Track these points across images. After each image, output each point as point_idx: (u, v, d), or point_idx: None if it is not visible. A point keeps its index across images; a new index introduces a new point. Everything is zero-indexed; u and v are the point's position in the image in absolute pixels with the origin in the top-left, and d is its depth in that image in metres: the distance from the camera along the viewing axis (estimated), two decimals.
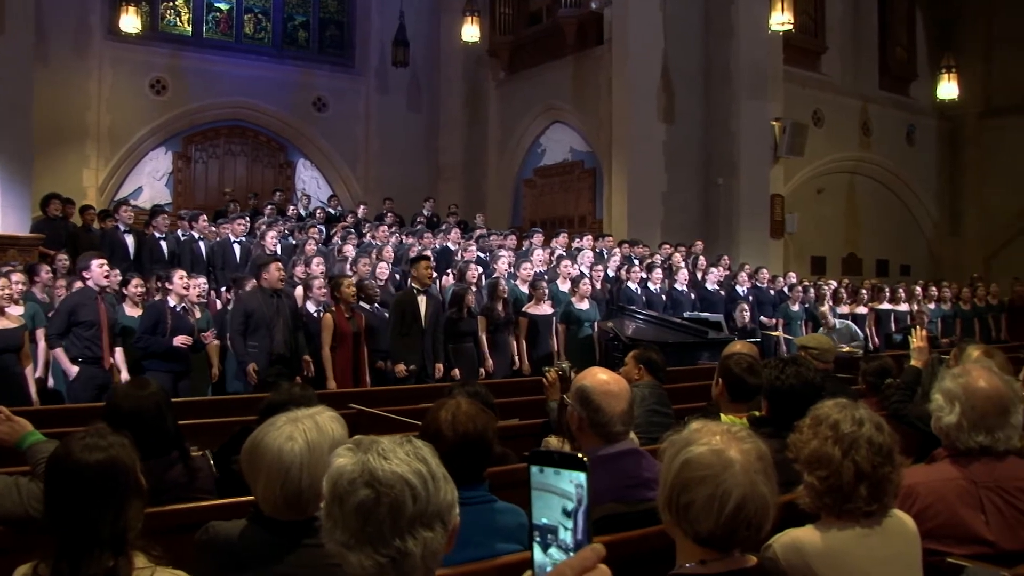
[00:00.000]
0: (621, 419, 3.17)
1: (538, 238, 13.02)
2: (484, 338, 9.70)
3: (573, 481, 1.10)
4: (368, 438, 1.77)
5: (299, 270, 9.78)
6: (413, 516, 1.66)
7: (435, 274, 10.60)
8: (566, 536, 1.10)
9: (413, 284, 9.08)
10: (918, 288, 15.48)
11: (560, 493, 1.10)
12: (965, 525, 2.76)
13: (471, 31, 17.64)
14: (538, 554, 1.12)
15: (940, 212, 22.14)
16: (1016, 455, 2.95)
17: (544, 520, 1.11)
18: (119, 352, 7.99)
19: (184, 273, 8.28)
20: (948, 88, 19.97)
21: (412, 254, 10.83)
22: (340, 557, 1.69)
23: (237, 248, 11.31)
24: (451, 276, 11.09)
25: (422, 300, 8.91)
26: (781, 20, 15.03)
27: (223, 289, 10.57)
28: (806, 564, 2.39)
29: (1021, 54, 20.23)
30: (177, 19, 19.02)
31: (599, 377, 3.28)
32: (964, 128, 21.99)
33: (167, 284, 8.12)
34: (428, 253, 10.85)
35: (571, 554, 1.09)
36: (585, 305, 10.52)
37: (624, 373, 5.12)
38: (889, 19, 20.67)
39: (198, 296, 8.55)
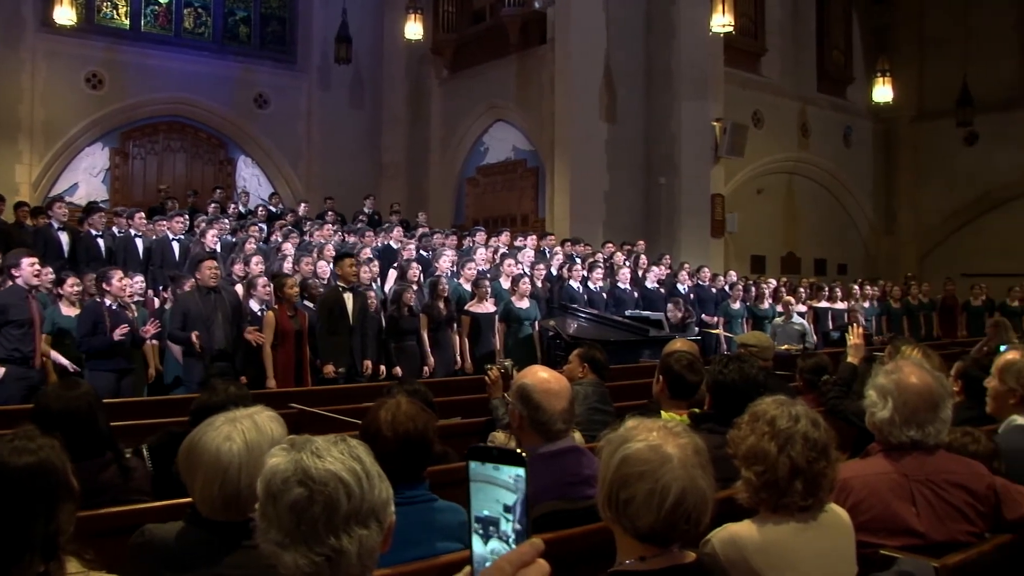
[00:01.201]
0: (562, 417, 3.17)
1: (480, 236, 13.01)
2: (426, 336, 9.68)
3: (512, 475, 1.10)
4: (303, 437, 1.76)
5: (238, 268, 9.66)
6: (348, 514, 1.65)
7: (376, 273, 10.54)
8: (506, 528, 1.10)
9: (339, 282, 9.01)
10: (855, 286, 15.77)
11: (500, 485, 1.11)
12: (897, 518, 2.81)
13: (414, 29, 17.55)
14: (478, 547, 1.12)
15: (876, 212, 22.60)
16: (945, 449, 3.02)
17: (484, 512, 1.11)
18: (54, 353, 7.84)
19: (122, 274, 8.13)
20: (883, 91, 20.36)
21: (355, 252, 10.75)
22: (275, 557, 1.67)
23: (176, 246, 11.13)
24: (393, 274, 11.05)
25: (348, 298, 8.83)
26: (722, 22, 15.20)
27: (160, 288, 10.40)
28: (743, 558, 2.42)
29: (951, 60, 20.73)
30: (114, 12, 18.65)
31: (540, 375, 3.29)
32: (898, 130, 22.51)
33: (104, 284, 7.97)
34: (362, 252, 10.77)
35: (512, 545, 1.09)
36: (525, 304, 10.53)
37: (567, 371, 5.14)
38: (827, 23, 21.05)
39: (133, 295, 8.42)
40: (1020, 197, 20.53)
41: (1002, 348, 5.32)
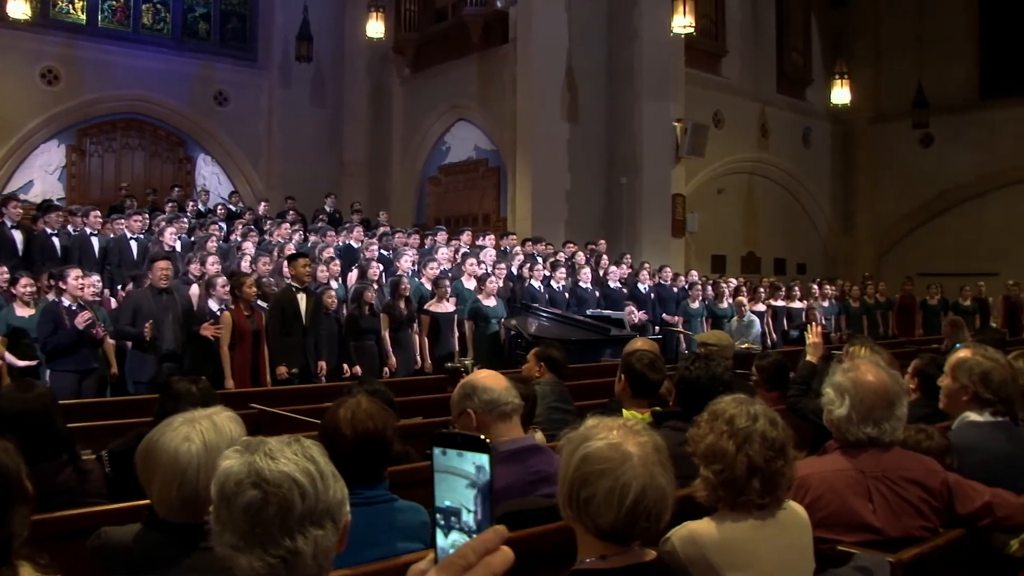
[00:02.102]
0: (509, 393, 3.17)
1: (442, 236, 13.00)
2: (387, 336, 9.65)
3: (475, 463, 1.09)
4: (256, 439, 1.75)
5: (194, 267, 9.56)
6: (302, 515, 1.64)
7: (336, 272, 10.50)
8: (468, 519, 1.09)
9: (292, 282, 8.94)
10: (815, 286, 15.95)
11: (463, 475, 1.10)
12: (854, 514, 2.85)
13: (376, 27, 17.48)
14: (440, 538, 1.12)
15: (834, 212, 22.86)
16: (900, 446, 3.06)
17: (447, 503, 1.11)
18: (9, 355, 7.73)
19: (79, 273, 8.01)
20: (841, 93, 20.65)
21: (316, 252, 10.70)
22: (230, 560, 1.66)
23: (134, 245, 10.99)
24: (354, 274, 11.01)
25: (301, 298, 8.77)
26: (683, 23, 15.31)
27: (119, 287, 10.28)
28: (703, 556, 2.44)
29: (907, 63, 21.04)
30: (70, 6, 18.34)
31: (479, 373, 3.34)
32: (856, 132, 22.81)
33: (60, 284, 7.85)
34: (317, 251, 10.72)
35: (473, 536, 1.09)
36: (492, 302, 10.56)
37: (525, 370, 5.16)
38: (786, 25, 21.24)
39: (92, 294, 8.30)
40: (974, 198, 20.92)
41: (957, 346, 5.42)
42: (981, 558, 3.06)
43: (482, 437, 1.11)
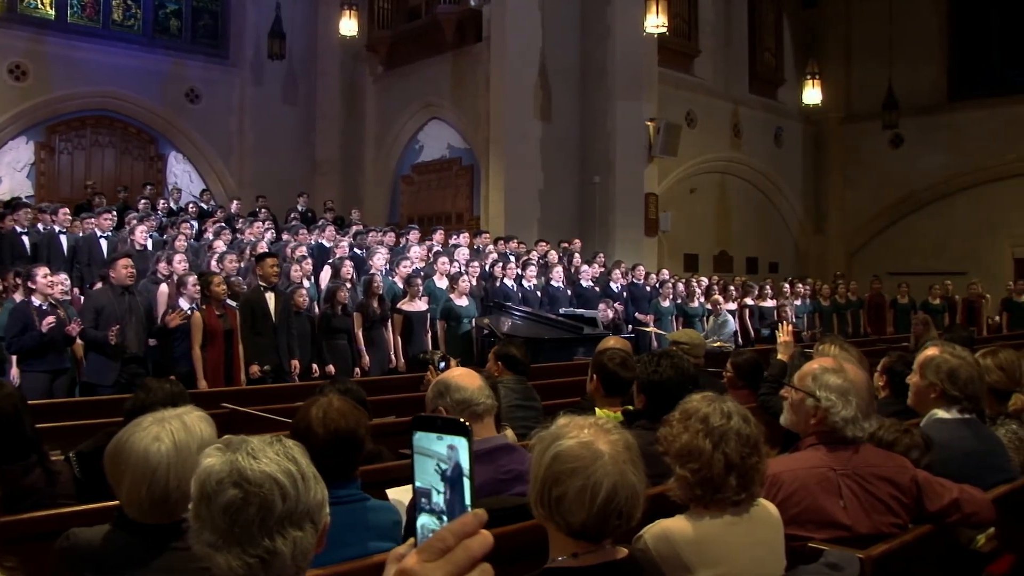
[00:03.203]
0: (482, 393, 3.17)
1: (414, 235, 12.97)
2: (360, 335, 9.63)
3: (452, 445, 1.10)
4: (238, 438, 1.75)
5: (163, 266, 9.49)
6: (282, 516, 1.64)
7: (309, 271, 10.45)
8: (439, 500, 1.10)
9: (260, 282, 8.90)
10: (786, 285, 16.08)
11: (436, 457, 1.10)
12: (825, 511, 2.87)
13: (349, 25, 17.42)
14: (419, 518, 1.12)
15: (806, 211, 23.03)
16: (877, 444, 3.10)
17: (419, 484, 1.11)
18: None
19: (47, 271, 7.91)
20: (812, 93, 20.84)
21: (288, 251, 10.66)
22: (207, 559, 1.65)
23: (104, 243, 10.89)
24: (326, 273, 10.97)
25: (270, 298, 8.73)
26: (656, 23, 15.39)
27: (88, 286, 10.17)
28: (675, 553, 2.45)
29: (877, 64, 21.23)
30: (39, 1, 18.12)
31: (452, 372, 3.33)
32: (827, 132, 23.02)
33: (29, 283, 7.77)
34: (289, 250, 10.68)
35: (444, 518, 1.09)
36: (464, 301, 10.56)
37: (487, 369, 5.16)
38: (758, 26, 21.38)
39: (61, 293, 8.21)
40: (942, 198, 21.20)
41: (927, 344, 5.47)
42: (949, 554, 3.10)
43: (462, 420, 1.11)
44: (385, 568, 1.12)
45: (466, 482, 1.09)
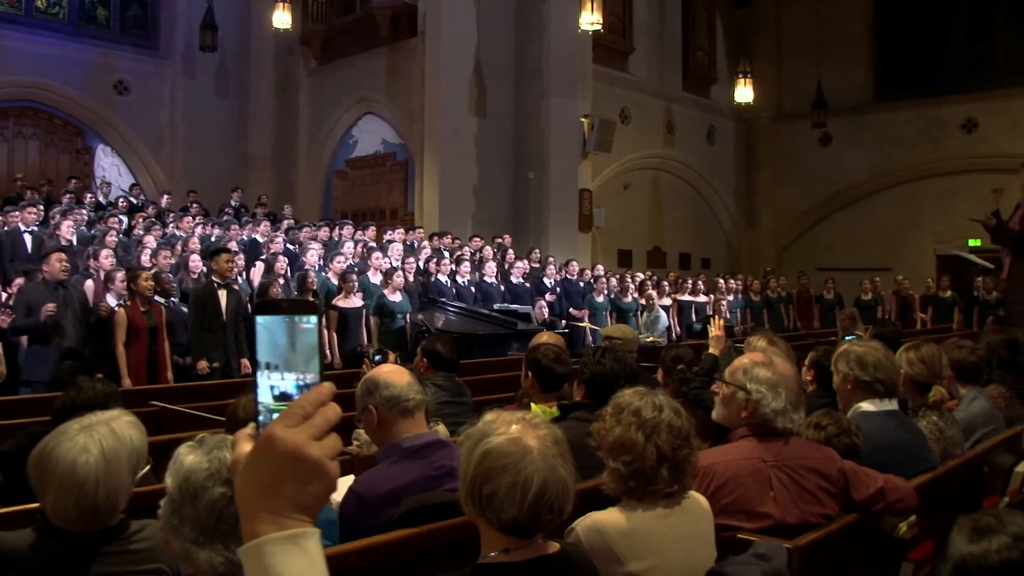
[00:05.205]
0: (412, 388, 3.18)
1: (348, 230, 12.89)
2: None
3: (301, 324, 1.11)
4: (213, 436, 1.74)
5: (92, 262, 9.31)
6: None
7: (241, 267, 10.34)
8: (288, 377, 1.11)
9: (213, 277, 8.79)
10: (721, 280, 16.33)
11: (286, 336, 1.11)
12: (755, 501, 2.93)
13: (282, 18, 17.19)
14: (263, 395, 1.13)
15: (738, 208, 23.37)
16: (796, 435, 3.18)
17: (267, 361, 1.12)
18: None
19: None
20: (744, 92, 21.19)
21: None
22: (186, 555, 1.65)
23: (28, 238, 10.63)
24: (259, 268, 10.86)
25: (223, 294, 8.62)
26: (590, 20, 15.51)
27: (12, 281, 9.92)
28: (607, 545, 2.48)
29: (807, 65, 21.65)
30: None
31: (381, 368, 3.34)
32: (758, 130, 23.39)
33: None
34: (228, 245, 10.54)
35: (294, 395, 1.10)
36: (398, 297, 10.53)
37: (415, 365, 5.16)
38: (691, 25, 21.65)
39: None
40: (868, 196, 21.71)
41: (847, 338, 5.61)
42: (873, 542, 3.19)
43: (310, 299, 1.12)
44: (235, 447, 1.12)
45: (316, 357, 1.11)
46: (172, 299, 9.02)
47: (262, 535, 1.02)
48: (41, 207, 11.64)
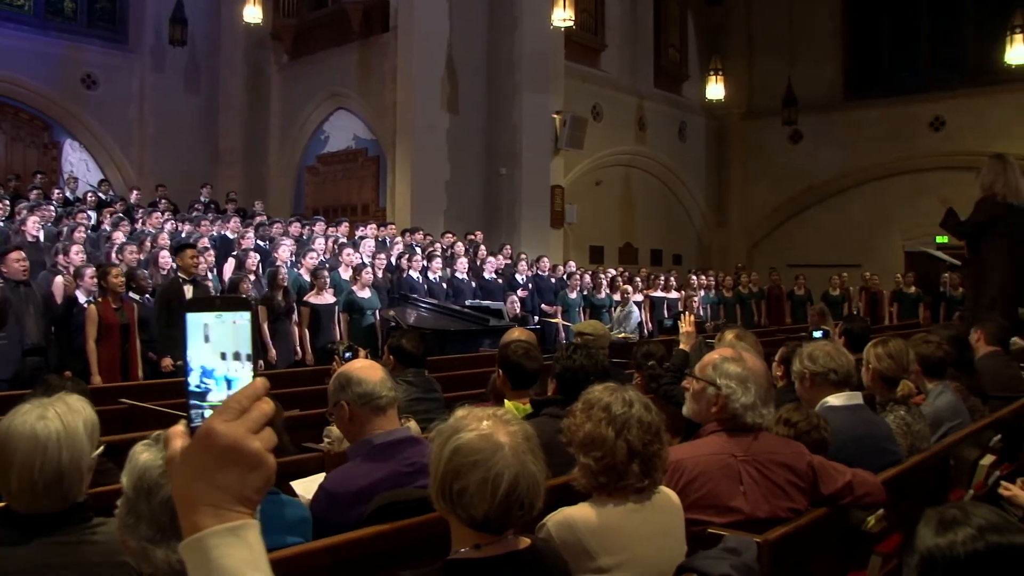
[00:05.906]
0: (384, 385, 3.18)
1: (320, 226, 12.85)
2: (266, 328, 9.50)
3: (234, 321, 1.12)
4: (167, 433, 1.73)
5: (62, 258, 9.22)
6: None
7: (212, 263, 10.28)
8: (220, 375, 1.12)
9: (180, 274, 8.73)
10: (693, 277, 16.42)
11: (219, 331, 1.12)
12: (725, 496, 2.95)
13: (253, 12, 17.05)
14: (195, 392, 1.13)
15: (709, 205, 23.51)
16: (766, 430, 3.21)
17: (197, 361, 1.13)
18: None
19: None
20: (715, 89, 21.31)
21: (191, 242, 10.45)
22: (143, 553, 1.64)
23: None
24: (231, 264, 10.80)
25: (189, 290, 8.53)
26: (563, 16, 15.54)
27: None
28: (578, 540, 2.49)
29: (778, 62, 21.83)
30: None
31: (353, 364, 3.35)
32: (729, 127, 23.54)
33: None
34: (198, 241, 10.48)
35: (226, 390, 1.11)
36: (367, 293, 10.50)
37: (384, 362, 5.16)
38: (663, 22, 21.75)
39: None
40: (838, 193, 21.91)
41: (816, 334, 5.66)
42: (841, 535, 3.23)
43: (243, 296, 1.12)
44: (168, 444, 1.13)
45: (249, 353, 1.12)
46: (146, 295, 8.95)
47: (204, 528, 1.03)
48: (7, 202, 11.51)
